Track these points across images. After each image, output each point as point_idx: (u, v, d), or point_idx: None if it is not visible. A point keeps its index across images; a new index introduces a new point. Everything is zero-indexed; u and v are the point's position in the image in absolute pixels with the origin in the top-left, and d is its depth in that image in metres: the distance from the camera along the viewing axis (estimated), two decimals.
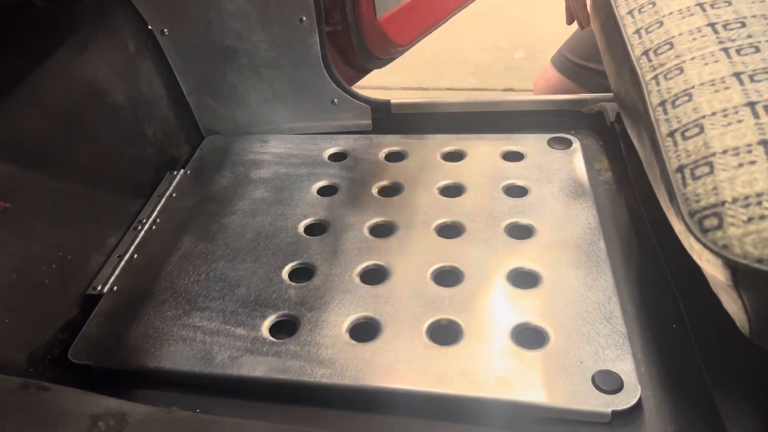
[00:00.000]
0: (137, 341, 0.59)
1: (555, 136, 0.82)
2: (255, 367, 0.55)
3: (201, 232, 0.72)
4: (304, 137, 0.89)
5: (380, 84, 2.09)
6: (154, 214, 0.76)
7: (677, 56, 0.53)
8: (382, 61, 1.13)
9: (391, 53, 1.14)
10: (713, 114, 0.46)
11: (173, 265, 0.68)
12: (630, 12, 0.62)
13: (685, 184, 0.45)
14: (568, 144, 0.81)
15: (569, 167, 0.77)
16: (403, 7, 1.09)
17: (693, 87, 0.50)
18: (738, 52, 0.50)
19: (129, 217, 0.76)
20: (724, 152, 0.43)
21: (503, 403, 0.51)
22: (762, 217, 0.39)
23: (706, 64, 0.50)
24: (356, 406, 0.53)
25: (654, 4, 0.60)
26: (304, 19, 0.82)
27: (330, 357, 0.55)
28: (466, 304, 0.59)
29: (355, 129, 0.91)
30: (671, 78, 0.52)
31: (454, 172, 0.78)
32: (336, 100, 0.88)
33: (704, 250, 0.42)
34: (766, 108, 0.44)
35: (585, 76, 1.16)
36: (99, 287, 0.65)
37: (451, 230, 0.69)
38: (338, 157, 0.84)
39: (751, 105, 0.45)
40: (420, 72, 2.24)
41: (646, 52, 0.57)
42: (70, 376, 0.58)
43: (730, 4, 0.54)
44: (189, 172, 0.84)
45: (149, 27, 0.83)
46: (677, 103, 0.50)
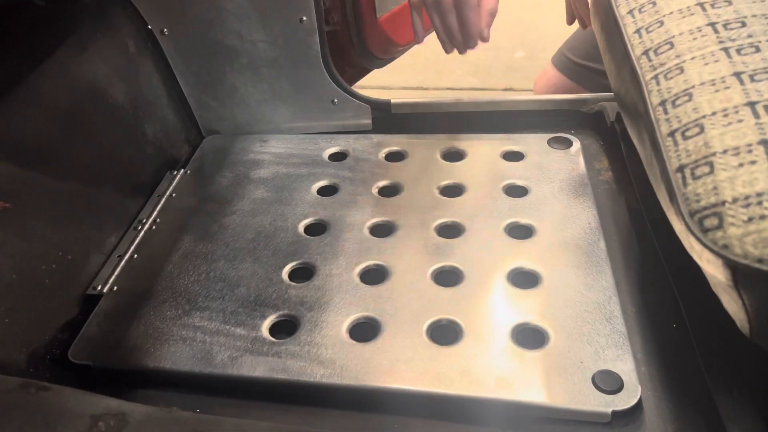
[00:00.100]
0: (137, 341, 0.59)
1: (555, 135, 0.82)
2: (255, 367, 0.55)
3: (201, 232, 0.72)
4: (304, 137, 0.89)
5: (380, 84, 2.09)
6: (154, 213, 0.76)
7: (677, 56, 0.53)
8: (382, 61, 1.13)
9: (391, 53, 1.14)
10: (713, 114, 0.46)
11: (173, 265, 0.68)
12: (630, 12, 0.62)
13: (685, 184, 0.45)
14: (569, 144, 0.81)
15: (569, 167, 0.77)
16: (403, 7, 1.09)
17: (693, 87, 0.50)
18: (738, 51, 0.49)
19: (129, 217, 0.76)
20: (725, 152, 0.43)
21: (503, 403, 0.51)
22: (762, 217, 0.39)
23: (707, 64, 0.50)
24: (356, 406, 0.53)
25: (654, 4, 0.60)
26: (305, 19, 0.82)
27: (330, 357, 0.55)
28: (466, 304, 0.59)
29: (355, 129, 0.91)
30: (671, 78, 0.52)
31: (454, 172, 0.78)
32: (336, 100, 0.88)
33: (704, 250, 0.42)
34: (766, 108, 0.44)
35: (585, 76, 1.16)
36: (99, 287, 0.65)
37: (451, 230, 0.69)
38: (338, 156, 0.84)
39: (752, 105, 0.45)
40: (420, 72, 2.24)
41: (646, 52, 0.57)
42: (70, 376, 0.58)
43: (730, 3, 0.54)
44: (189, 171, 0.84)
45: (149, 27, 0.83)
46: (677, 102, 0.50)
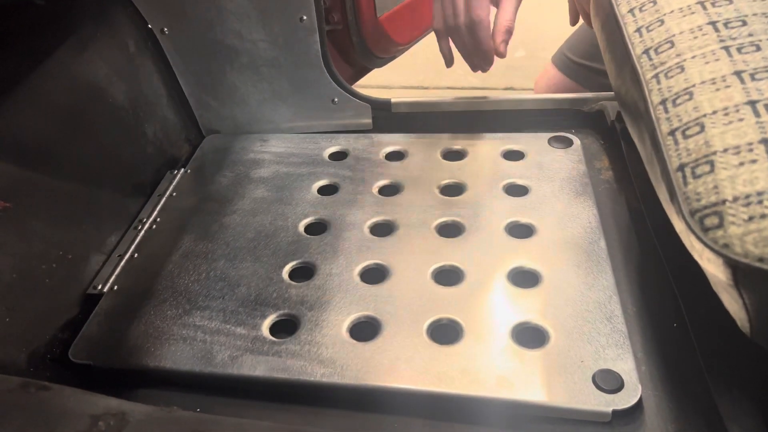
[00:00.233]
0: (137, 341, 0.59)
1: (555, 135, 0.82)
2: (255, 367, 0.55)
3: (201, 232, 0.72)
4: (305, 136, 0.89)
5: (381, 83, 2.09)
6: (155, 213, 0.76)
7: (678, 55, 0.53)
8: (382, 60, 1.13)
9: (391, 52, 1.14)
10: (714, 112, 0.46)
11: (173, 265, 0.68)
12: (631, 10, 0.62)
13: (685, 183, 0.45)
14: (569, 143, 0.81)
15: (570, 166, 0.77)
16: (403, 6, 1.09)
17: (694, 85, 0.50)
18: (739, 50, 0.49)
19: (129, 217, 0.76)
20: (725, 151, 0.43)
21: (503, 403, 0.51)
22: (763, 216, 0.39)
23: (707, 63, 0.50)
24: (356, 406, 0.53)
25: (655, 3, 0.60)
26: (305, 18, 0.81)
27: (330, 356, 0.55)
28: (466, 303, 0.59)
29: (356, 128, 0.91)
30: (672, 76, 0.52)
31: (454, 171, 0.78)
32: (336, 99, 0.88)
33: (705, 249, 0.42)
34: (767, 106, 0.44)
35: (585, 75, 1.16)
36: (99, 286, 0.65)
37: (451, 229, 0.69)
38: (339, 156, 0.84)
39: (752, 103, 0.45)
40: (420, 71, 2.24)
41: (646, 51, 0.56)
42: (71, 376, 0.58)
43: (731, 2, 0.54)
44: (189, 171, 0.84)
45: (149, 26, 0.83)
46: (678, 101, 0.50)
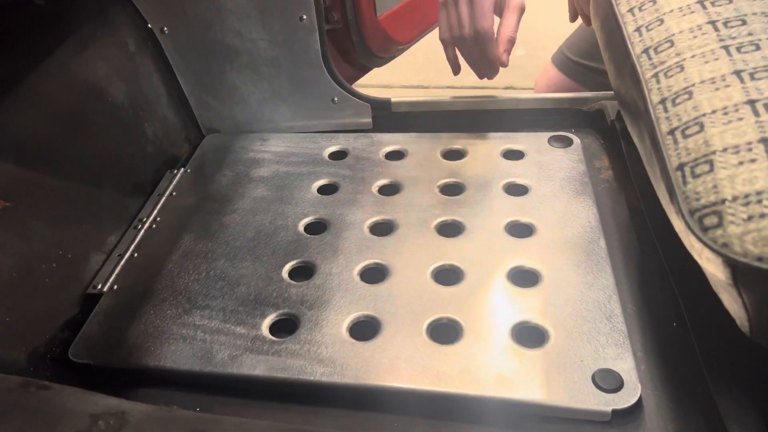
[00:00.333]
0: (137, 340, 0.59)
1: (555, 134, 0.82)
2: (255, 366, 0.55)
3: (201, 231, 0.72)
4: (305, 136, 0.89)
5: (381, 82, 2.09)
6: (155, 212, 0.76)
7: (677, 54, 0.53)
8: (382, 60, 1.13)
9: (391, 51, 1.14)
10: (713, 112, 0.46)
11: (173, 264, 0.68)
12: (630, 10, 0.62)
13: (685, 182, 0.45)
14: (569, 142, 0.81)
15: (569, 165, 0.77)
16: (403, 6, 1.09)
17: (693, 85, 0.50)
18: (738, 49, 0.49)
19: (129, 216, 0.76)
20: (725, 150, 0.43)
21: (503, 402, 0.51)
22: (762, 216, 0.39)
23: (707, 62, 0.50)
24: (356, 405, 0.53)
25: (654, 2, 0.60)
26: (305, 18, 0.81)
27: (330, 355, 0.55)
28: (466, 302, 0.59)
29: (356, 127, 0.91)
30: (671, 76, 0.52)
31: (454, 171, 0.78)
32: (336, 99, 0.88)
33: (704, 249, 0.42)
34: (766, 106, 0.44)
35: (584, 75, 1.16)
36: (99, 286, 0.65)
37: (451, 229, 0.69)
38: (338, 155, 0.84)
39: (752, 103, 0.45)
40: (420, 70, 2.24)
41: (646, 50, 0.56)
42: (71, 375, 0.58)
43: (730, 1, 0.54)
44: (189, 170, 0.84)
45: (149, 26, 0.83)
46: (677, 101, 0.50)
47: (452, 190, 0.76)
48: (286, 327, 0.59)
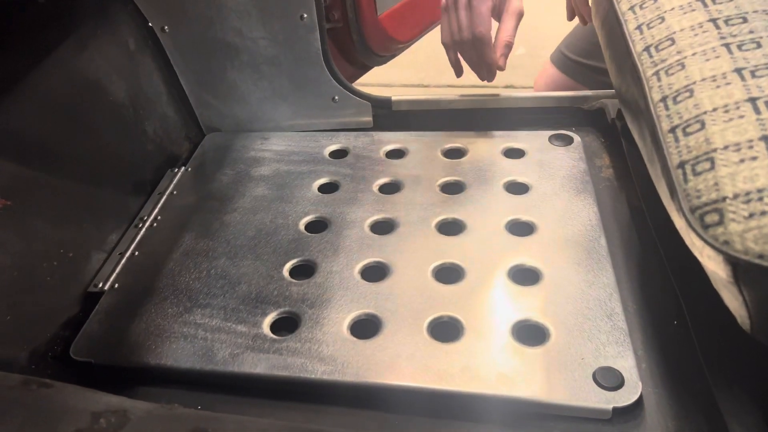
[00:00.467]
0: (138, 338, 0.59)
1: (556, 132, 0.82)
2: (256, 364, 0.55)
3: (202, 230, 0.72)
4: (305, 134, 0.89)
5: (381, 81, 2.09)
6: (155, 211, 0.76)
7: (678, 52, 0.53)
8: (382, 58, 1.13)
9: (391, 50, 1.14)
10: (714, 110, 0.46)
11: (174, 263, 0.68)
12: (631, 8, 0.62)
13: (686, 180, 0.45)
14: (569, 141, 0.81)
15: (570, 164, 0.77)
16: (403, 4, 1.09)
17: (694, 83, 0.50)
18: (739, 47, 0.49)
19: (130, 215, 0.76)
20: (725, 148, 0.43)
21: (504, 400, 0.51)
22: (763, 213, 0.39)
23: (708, 60, 0.50)
24: (357, 403, 0.53)
25: (655, 0, 0.60)
26: (305, 16, 0.81)
27: (331, 354, 0.55)
28: (466, 300, 0.59)
29: (356, 126, 0.91)
30: (672, 74, 0.52)
31: (454, 169, 0.78)
32: (337, 98, 0.88)
33: (705, 246, 0.42)
34: (767, 103, 0.44)
35: (583, 73, 1.16)
36: (100, 284, 0.66)
37: (451, 227, 0.69)
38: (339, 154, 0.84)
39: (753, 101, 0.45)
40: (421, 69, 2.24)
41: (647, 48, 0.56)
42: (72, 373, 0.58)
43: None
44: (190, 169, 0.84)
45: (149, 24, 0.83)
46: (678, 99, 0.50)
47: (453, 188, 0.76)
48: (287, 325, 0.60)
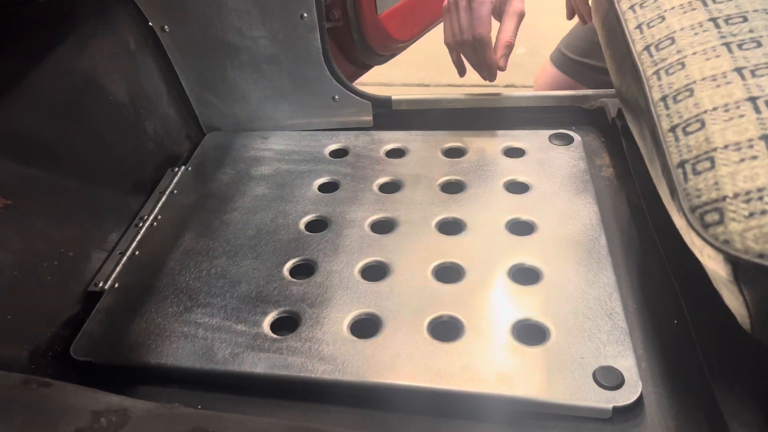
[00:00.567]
0: (139, 337, 0.59)
1: (556, 132, 0.82)
2: (256, 364, 0.55)
3: (202, 229, 0.72)
4: (305, 134, 0.89)
5: (381, 80, 2.09)
6: (156, 210, 0.76)
7: (679, 51, 0.53)
8: (383, 58, 1.13)
9: (392, 49, 1.14)
10: (714, 109, 0.46)
11: (174, 262, 0.68)
12: (631, 7, 0.62)
13: (686, 179, 0.45)
14: (569, 140, 0.81)
15: (570, 163, 0.77)
16: (403, 4, 1.09)
17: (694, 82, 0.50)
18: (740, 47, 0.49)
19: (130, 214, 0.76)
20: (726, 147, 0.43)
21: (504, 399, 0.51)
22: (763, 212, 0.39)
23: (708, 59, 0.50)
24: (357, 402, 0.54)
25: None
26: (305, 15, 0.81)
27: (331, 353, 0.55)
28: (467, 300, 0.59)
29: (356, 125, 0.91)
30: (673, 73, 0.52)
31: (455, 169, 0.78)
32: (337, 97, 0.88)
33: (705, 246, 0.42)
34: (767, 103, 0.44)
35: (583, 73, 1.16)
36: (100, 284, 0.66)
37: (451, 226, 0.69)
38: (339, 153, 0.84)
39: (753, 100, 0.45)
40: (421, 68, 2.24)
41: (647, 47, 0.56)
42: (72, 373, 0.58)
43: None
44: (190, 168, 0.84)
45: (150, 24, 0.83)
46: (678, 98, 0.50)
47: (453, 187, 0.76)
48: (287, 325, 0.60)
